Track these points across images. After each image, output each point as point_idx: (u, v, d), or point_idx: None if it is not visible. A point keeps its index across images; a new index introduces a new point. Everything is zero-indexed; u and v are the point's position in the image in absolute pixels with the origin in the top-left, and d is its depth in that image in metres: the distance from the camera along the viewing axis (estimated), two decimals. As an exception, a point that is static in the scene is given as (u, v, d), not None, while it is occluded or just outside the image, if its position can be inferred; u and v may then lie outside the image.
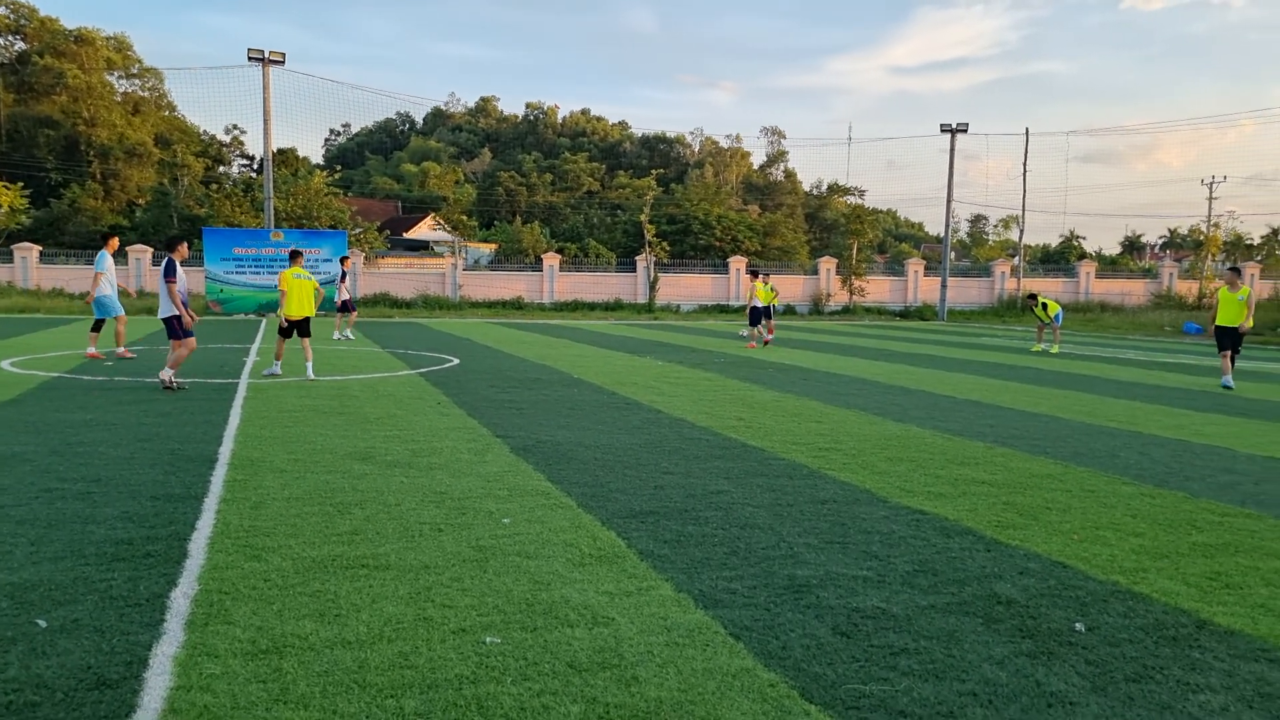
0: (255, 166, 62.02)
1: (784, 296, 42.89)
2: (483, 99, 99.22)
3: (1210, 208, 52.77)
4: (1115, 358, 20.40)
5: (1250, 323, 14.04)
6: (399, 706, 3.14)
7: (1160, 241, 79.94)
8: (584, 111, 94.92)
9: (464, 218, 43.05)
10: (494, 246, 53.38)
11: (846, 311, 42.90)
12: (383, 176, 78.94)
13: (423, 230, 60.50)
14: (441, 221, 44.21)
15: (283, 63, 34.91)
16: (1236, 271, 15.03)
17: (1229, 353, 14.15)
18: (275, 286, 26.35)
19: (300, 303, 12.51)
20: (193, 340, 11.30)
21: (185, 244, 11.45)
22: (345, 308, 21.29)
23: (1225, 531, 5.61)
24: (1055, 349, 21.93)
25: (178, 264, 11.01)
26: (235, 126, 65.31)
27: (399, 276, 39.55)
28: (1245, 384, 14.61)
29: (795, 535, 5.35)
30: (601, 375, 14.03)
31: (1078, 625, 4.01)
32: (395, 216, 66.04)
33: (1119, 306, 43.71)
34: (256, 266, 32.07)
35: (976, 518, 5.82)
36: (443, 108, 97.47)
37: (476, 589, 4.33)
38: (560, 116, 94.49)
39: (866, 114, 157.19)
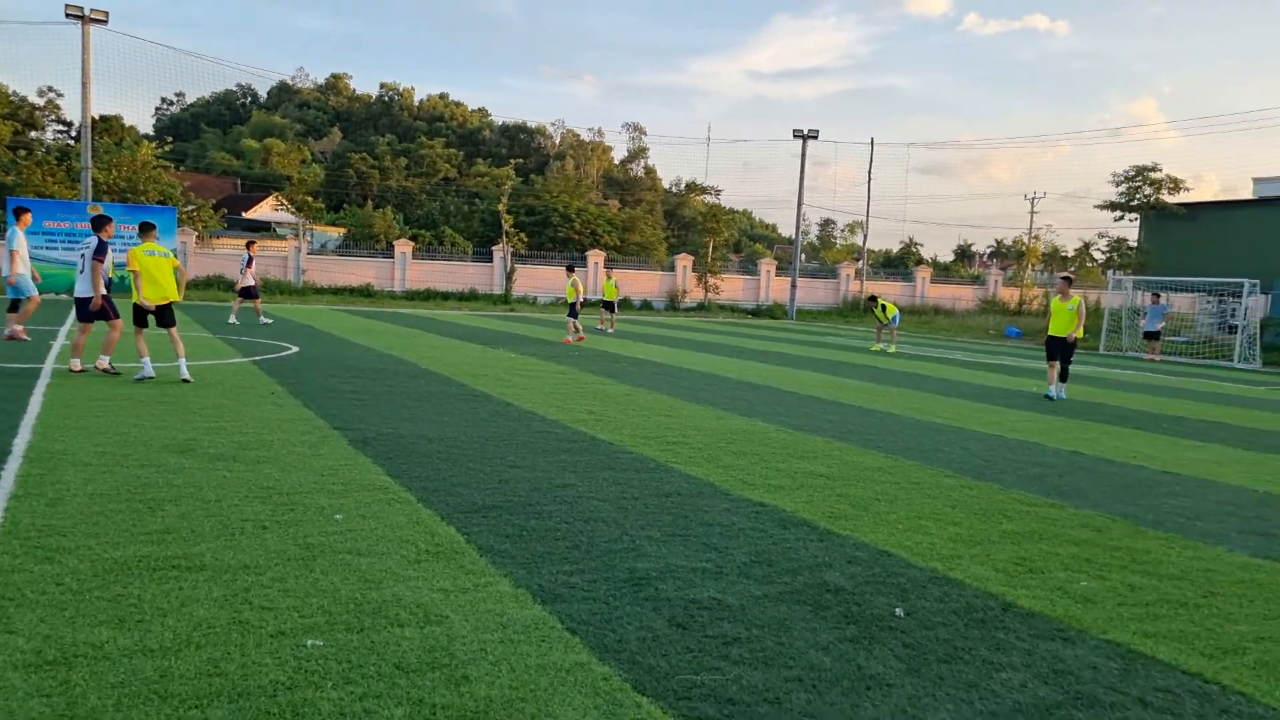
0: (73, 133, 56.98)
1: (642, 292, 43.37)
2: (333, 76, 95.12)
3: (1031, 221, 57.20)
4: (945, 358, 21.74)
5: (1080, 333, 13.69)
6: (203, 717, 2.91)
7: (988, 250, 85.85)
8: (442, 96, 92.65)
9: (309, 199, 40.97)
10: (343, 230, 51.26)
11: (702, 308, 43.78)
12: (221, 151, 74.30)
13: (264, 210, 57.36)
14: (285, 202, 41.96)
15: (106, 22, 32.21)
16: (1068, 281, 14.33)
17: (1056, 363, 13.71)
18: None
19: (157, 285, 10.52)
20: (120, 321, 11.03)
21: (113, 223, 11.28)
22: (249, 293, 20.78)
23: (1032, 520, 6.04)
24: (892, 349, 23.14)
25: (108, 244, 10.83)
26: (50, 89, 59.67)
27: (236, 258, 37.25)
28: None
29: (638, 528, 5.37)
30: (451, 366, 13.70)
31: (898, 610, 4.21)
32: (234, 194, 62.36)
33: (950, 310, 46.65)
34: (70, 242, 29.44)
35: (812, 509, 6.02)
36: (289, 82, 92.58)
37: (300, 589, 4.10)
38: (417, 99, 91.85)
39: (725, 116, 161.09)
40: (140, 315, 10.72)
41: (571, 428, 8.74)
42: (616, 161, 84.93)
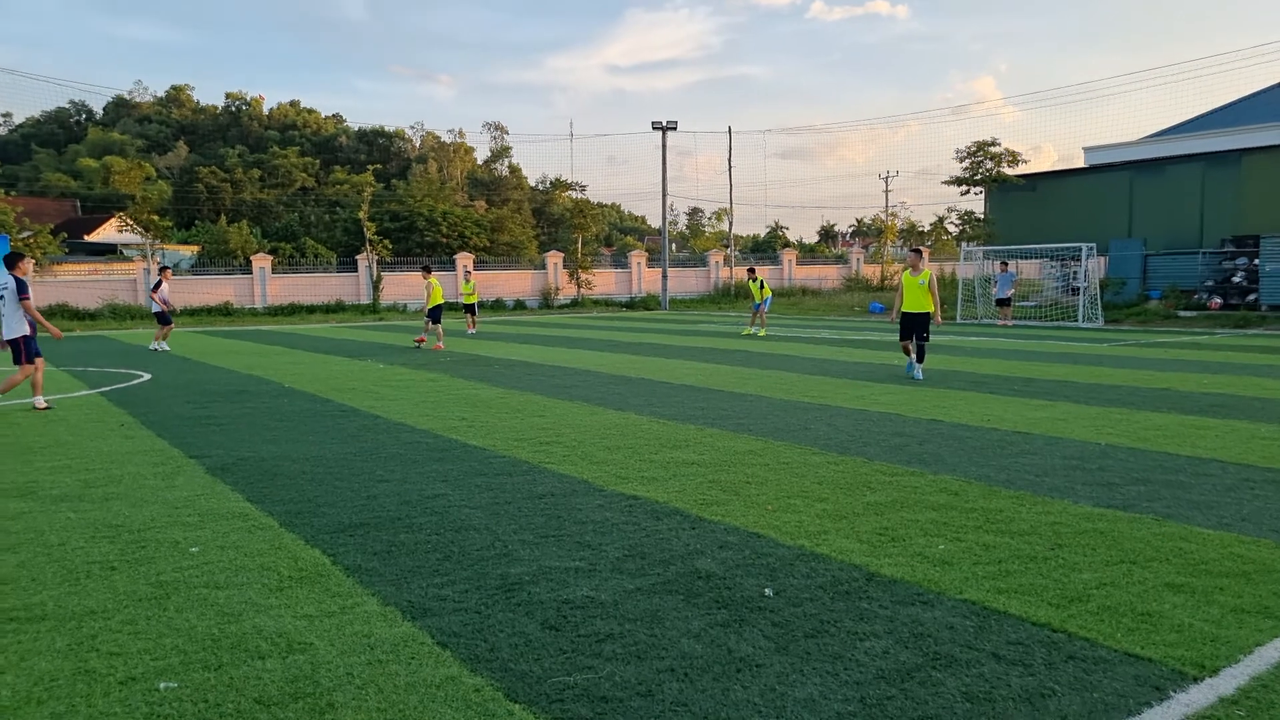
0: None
1: (514, 292, 42.96)
2: (174, 87, 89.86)
3: (887, 199, 59.68)
4: (813, 337, 22.45)
5: (940, 318, 13.16)
6: (39, 783, 2.71)
7: (850, 230, 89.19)
8: (293, 103, 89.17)
9: (156, 217, 38.61)
10: (196, 249, 48.63)
11: (575, 304, 43.72)
12: (56, 172, 69.20)
13: (108, 232, 53.71)
14: (130, 221, 39.42)
15: (-93, 35, 29.45)
16: (918, 253, 13.62)
17: (909, 343, 13.13)
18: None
19: None
20: (42, 360, 10.75)
21: (31, 260, 10.91)
22: (164, 319, 20.38)
23: (894, 490, 6.31)
24: (762, 332, 23.75)
25: (28, 282, 10.47)
26: None
27: (80, 285, 34.91)
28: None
29: (510, 533, 5.32)
30: (317, 383, 13.21)
31: (767, 590, 4.32)
32: (74, 217, 58.25)
33: (817, 290, 48.21)
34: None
35: (684, 498, 6.11)
36: (127, 96, 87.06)
37: (152, 630, 3.87)
38: (267, 108, 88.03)
39: (587, 111, 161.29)
40: None
41: (443, 436, 8.57)
42: (480, 162, 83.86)
